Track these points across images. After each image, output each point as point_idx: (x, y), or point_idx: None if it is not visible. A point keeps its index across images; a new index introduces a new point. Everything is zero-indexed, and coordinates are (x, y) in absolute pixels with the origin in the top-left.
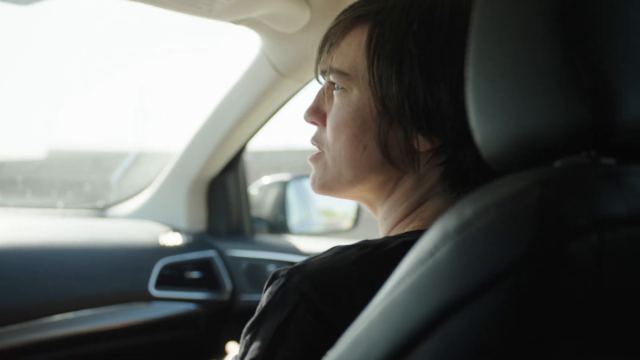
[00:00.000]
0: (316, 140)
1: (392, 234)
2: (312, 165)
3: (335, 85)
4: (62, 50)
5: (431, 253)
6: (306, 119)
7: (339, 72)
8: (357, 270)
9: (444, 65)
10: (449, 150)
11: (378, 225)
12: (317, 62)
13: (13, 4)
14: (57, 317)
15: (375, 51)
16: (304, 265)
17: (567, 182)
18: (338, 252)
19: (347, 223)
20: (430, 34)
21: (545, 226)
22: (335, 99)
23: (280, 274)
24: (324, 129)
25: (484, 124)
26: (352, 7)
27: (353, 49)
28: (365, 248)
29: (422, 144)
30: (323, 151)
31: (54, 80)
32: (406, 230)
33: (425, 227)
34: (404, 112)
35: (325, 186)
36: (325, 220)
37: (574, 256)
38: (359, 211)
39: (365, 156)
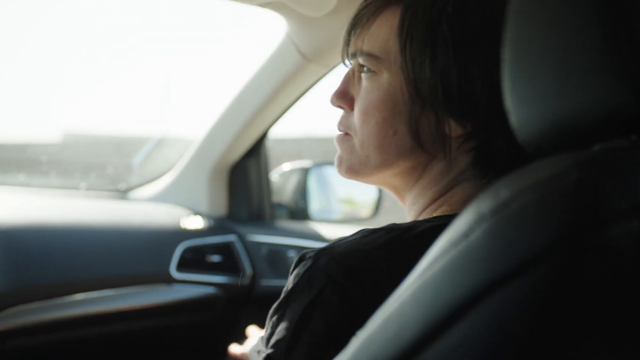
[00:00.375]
0: (343, 124)
1: (420, 219)
2: (337, 147)
3: (365, 68)
4: (86, 32)
5: (465, 235)
6: (333, 103)
7: (370, 55)
8: (384, 254)
9: (478, 48)
10: (480, 135)
11: (398, 214)
12: (346, 44)
13: None
14: (79, 296)
15: (407, 34)
16: (331, 247)
17: (606, 165)
18: (366, 235)
19: (367, 211)
20: (464, 16)
21: (583, 209)
22: (364, 82)
23: (308, 255)
24: (351, 113)
25: (520, 107)
26: None
27: (384, 32)
28: (393, 231)
29: (454, 129)
30: (350, 134)
31: (75, 62)
32: (434, 215)
33: (454, 212)
34: (437, 96)
35: (352, 169)
36: (345, 208)
37: (612, 240)
38: (379, 200)
39: (395, 140)
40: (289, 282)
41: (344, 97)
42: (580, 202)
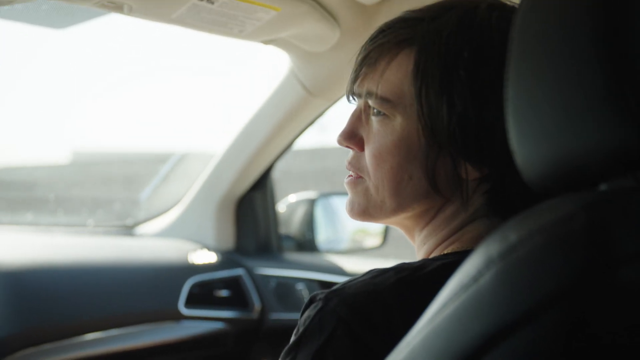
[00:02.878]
0: (353, 165)
1: (431, 257)
2: (349, 190)
3: (375, 111)
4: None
5: (474, 279)
6: (341, 143)
7: (383, 99)
8: (395, 294)
9: (496, 92)
10: (495, 177)
11: (406, 242)
12: (352, 82)
13: (48, 28)
14: (88, 337)
15: (423, 79)
16: (341, 288)
17: (614, 206)
18: (376, 276)
19: (375, 241)
20: (481, 60)
21: (595, 252)
22: (376, 126)
23: (318, 297)
24: (362, 153)
25: (524, 146)
26: (390, 28)
27: (398, 76)
28: (403, 271)
29: (471, 172)
30: (362, 177)
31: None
32: (445, 252)
33: (465, 249)
34: (455, 141)
35: (366, 213)
36: (352, 238)
37: (624, 283)
38: (387, 229)
39: (411, 186)
40: (300, 325)
41: (353, 137)
42: (591, 245)
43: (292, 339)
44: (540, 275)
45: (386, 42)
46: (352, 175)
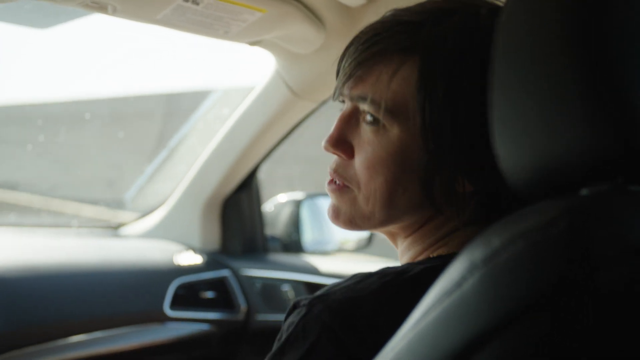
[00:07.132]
0: (340, 175)
1: (417, 260)
2: (334, 198)
3: (369, 119)
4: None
5: (458, 284)
6: (328, 150)
7: (386, 109)
8: (379, 299)
9: None
10: (489, 189)
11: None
12: (343, 83)
13: (30, 28)
14: (72, 339)
15: (427, 92)
16: (325, 294)
17: (595, 211)
18: (360, 281)
19: (361, 242)
20: (485, 71)
21: (575, 256)
22: (369, 135)
23: (301, 303)
24: (350, 161)
25: (507, 151)
26: (387, 31)
27: (400, 85)
28: (387, 276)
29: (467, 186)
30: (349, 186)
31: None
32: (431, 256)
33: (449, 253)
34: (457, 155)
35: (353, 223)
36: (338, 239)
37: (604, 286)
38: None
39: (404, 198)
40: (283, 331)
41: (342, 144)
42: (571, 250)
43: (275, 345)
44: (522, 280)
45: (385, 49)
46: (336, 182)
